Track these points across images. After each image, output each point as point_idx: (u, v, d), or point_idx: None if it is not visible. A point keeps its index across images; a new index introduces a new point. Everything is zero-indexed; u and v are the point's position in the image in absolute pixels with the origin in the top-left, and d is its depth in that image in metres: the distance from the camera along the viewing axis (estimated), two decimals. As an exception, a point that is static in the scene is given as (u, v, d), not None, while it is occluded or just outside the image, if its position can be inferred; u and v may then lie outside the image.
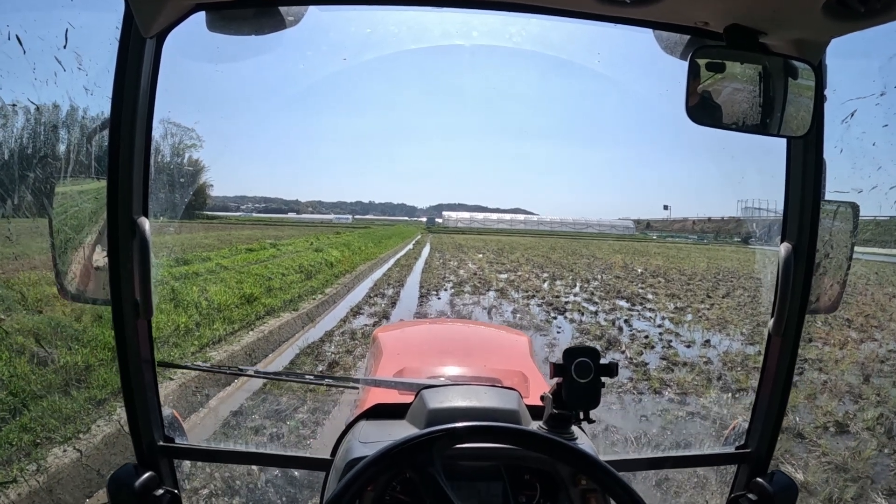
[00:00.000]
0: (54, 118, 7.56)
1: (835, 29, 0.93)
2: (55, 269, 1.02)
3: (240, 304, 7.24)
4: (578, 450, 0.78)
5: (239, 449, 1.13)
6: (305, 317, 7.59)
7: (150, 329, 1.02)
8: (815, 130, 1.04)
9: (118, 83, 0.91)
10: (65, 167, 1.11)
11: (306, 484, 1.94)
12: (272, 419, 3.71)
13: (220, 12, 0.93)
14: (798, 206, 1.05)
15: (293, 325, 7.02)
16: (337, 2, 0.97)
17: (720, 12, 0.92)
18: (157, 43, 0.93)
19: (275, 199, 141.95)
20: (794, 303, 1.05)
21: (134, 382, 1.00)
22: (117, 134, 0.92)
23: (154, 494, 1.00)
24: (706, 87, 0.95)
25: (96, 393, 3.68)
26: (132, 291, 0.96)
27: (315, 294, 9.08)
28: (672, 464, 1.17)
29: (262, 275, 9.56)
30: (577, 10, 0.95)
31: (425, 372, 1.47)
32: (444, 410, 0.97)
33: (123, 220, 0.95)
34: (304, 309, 7.82)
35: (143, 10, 0.87)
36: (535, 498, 0.98)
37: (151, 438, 1.03)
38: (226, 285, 8.07)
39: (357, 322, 7.30)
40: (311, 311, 7.89)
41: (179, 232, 19.04)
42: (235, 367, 1.26)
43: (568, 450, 0.78)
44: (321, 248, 16.46)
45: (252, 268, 10.56)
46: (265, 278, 9.24)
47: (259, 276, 9.33)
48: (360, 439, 0.98)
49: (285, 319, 6.99)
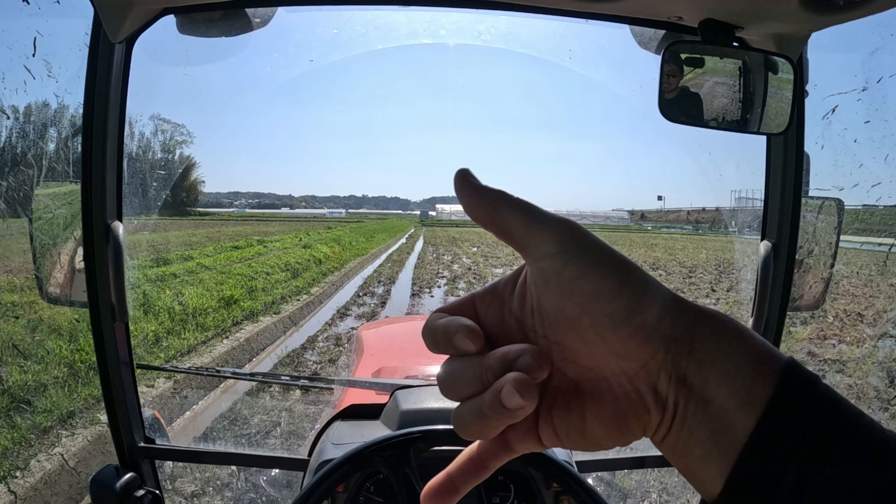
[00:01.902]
0: (28, 123, 7.52)
1: (813, 23, 0.91)
2: (35, 272, 1.04)
3: (217, 307, 6.76)
4: (545, 455, 0.78)
5: (219, 450, 1.15)
6: (288, 320, 7.10)
7: (128, 331, 1.03)
8: (796, 127, 1.02)
9: (89, 89, 0.91)
10: (38, 174, 1.12)
11: (285, 484, 1.97)
12: (256, 420, 3.68)
13: (188, 16, 0.93)
14: (778, 203, 1.03)
15: (273, 331, 6.52)
16: (307, 2, 0.96)
17: (694, 6, 0.90)
18: (126, 48, 0.93)
19: (268, 194, 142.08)
20: (775, 301, 1.04)
21: (113, 384, 1.02)
22: (89, 139, 0.93)
23: (135, 495, 1.02)
24: (680, 84, 0.93)
25: (41, 420, 3.30)
26: (108, 295, 0.97)
27: (300, 294, 8.57)
28: (654, 463, 1.17)
29: (244, 274, 9.14)
30: (549, 6, 0.94)
31: (403, 371, 1.48)
32: (416, 412, 0.97)
33: (98, 224, 0.95)
34: (286, 312, 7.32)
35: (110, 15, 0.87)
36: (510, 499, 0.98)
37: (132, 439, 1.05)
38: (204, 287, 7.63)
39: (343, 325, 6.85)
40: (294, 314, 7.38)
41: (168, 230, 18.49)
42: (213, 369, 1.27)
43: (534, 454, 0.78)
44: (310, 244, 16.06)
45: (235, 267, 10.11)
46: (248, 278, 8.83)
47: (241, 276, 8.91)
48: (333, 440, 0.98)
49: (265, 324, 6.48)
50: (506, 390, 0.23)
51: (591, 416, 0.25)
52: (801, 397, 0.22)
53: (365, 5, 1.00)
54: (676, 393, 0.24)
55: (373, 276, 11.44)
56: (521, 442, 0.27)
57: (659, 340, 0.24)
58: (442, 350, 0.27)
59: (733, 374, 0.23)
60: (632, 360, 0.24)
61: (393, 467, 0.76)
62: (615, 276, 0.24)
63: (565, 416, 0.26)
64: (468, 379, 0.26)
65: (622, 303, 0.24)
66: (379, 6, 1.01)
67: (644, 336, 0.24)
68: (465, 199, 0.27)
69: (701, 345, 0.24)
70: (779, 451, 0.22)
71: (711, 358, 0.23)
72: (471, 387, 0.25)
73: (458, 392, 0.26)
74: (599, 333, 0.24)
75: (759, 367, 0.23)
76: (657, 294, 0.25)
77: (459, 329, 0.26)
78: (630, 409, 0.25)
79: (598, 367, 0.25)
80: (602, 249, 0.25)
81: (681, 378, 0.24)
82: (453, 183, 0.27)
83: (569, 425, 0.26)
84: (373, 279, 11.02)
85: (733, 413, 0.23)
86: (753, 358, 0.23)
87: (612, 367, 0.25)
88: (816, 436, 0.21)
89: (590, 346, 0.25)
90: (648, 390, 0.24)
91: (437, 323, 0.27)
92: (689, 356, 0.24)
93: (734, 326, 0.24)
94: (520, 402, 0.23)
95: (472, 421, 0.25)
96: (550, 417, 0.26)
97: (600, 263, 0.25)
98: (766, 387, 0.22)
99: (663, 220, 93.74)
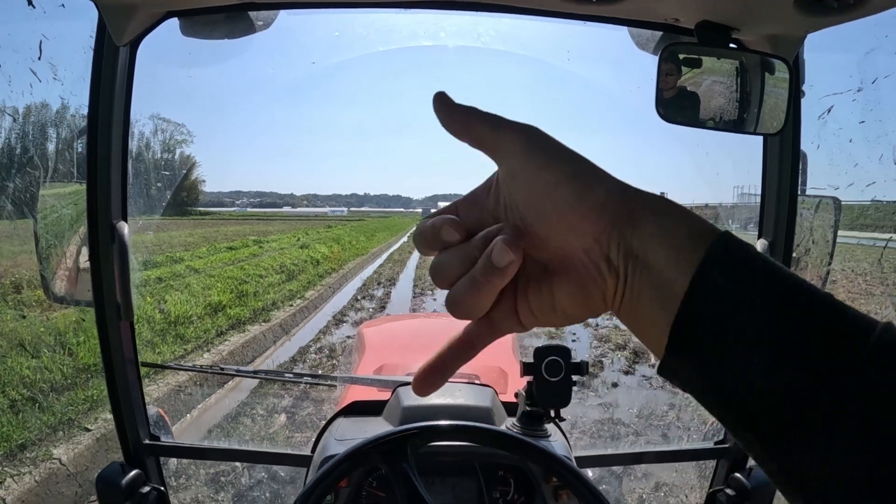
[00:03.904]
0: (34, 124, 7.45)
1: (808, 24, 0.92)
2: (41, 272, 1.05)
3: (202, 315, 6.23)
4: (542, 449, 0.79)
5: (223, 446, 1.16)
6: (279, 328, 6.55)
7: (133, 330, 1.04)
8: (792, 127, 1.03)
9: (94, 91, 0.93)
10: (43, 175, 1.13)
11: (289, 480, 1.99)
12: (260, 416, 3.69)
13: (191, 18, 0.94)
14: (774, 202, 1.04)
15: (261, 342, 5.97)
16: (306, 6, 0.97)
17: (690, 8, 0.91)
18: (130, 50, 0.94)
19: (270, 193, 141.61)
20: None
21: (119, 382, 1.03)
22: (94, 141, 0.94)
23: (140, 492, 1.04)
24: (677, 85, 0.95)
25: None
26: (114, 294, 0.99)
27: (293, 299, 8.03)
28: (651, 459, 1.18)
29: (235, 277, 8.55)
30: (546, 8, 0.95)
31: (405, 368, 1.49)
32: (418, 408, 0.99)
33: (103, 225, 0.97)
34: (277, 319, 6.75)
35: (114, 19, 0.88)
36: (510, 494, 0.99)
37: (137, 437, 1.06)
38: (189, 292, 7.05)
39: (338, 334, 6.34)
40: (286, 322, 6.82)
41: (166, 230, 17.77)
42: (217, 367, 1.28)
43: (532, 448, 0.79)
44: (308, 244, 15.42)
45: (227, 269, 9.50)
46: (239, 281, 8.28)
47: (232, 280, 8.33)
48: (336, 436, 1.00)
49: (252, 334, 5.95)
50: (496, 249, 0.27)
51: (558, 291, 0.29)
52: (729, 260, 0.25)
53: (365, 8, 1.01)
54: (625, 262, 0.28)
55: (372, 278, 11.05)
56: (504, 320, 0.31)
57: (608, 217, 0.28)
58: (431, 245, 0.31)
59: (669, 243, 0.27)
60: (587, 236, 0.28)
61: (391, 463, 0.78)
62: (569, 166, 0.29)
63: (538, 295, 0.30)
64: (457, 261, 0.30)
65: (576, 186, 0.28)
66: (379, 9, 1.02)
67: (595, 214, 0.28)
68: (442, 116, 0.31)
69: (642, 219, 0.28)
70: (709, 304, 0.25)
71: (650, 229, 0.27)
72: (460, 267, 0.29)
73: (449, 275, 0.30)
74: (560, 215, 0.28)
75: (695, 237, 0.27)
76: (604, 180, 0.29)
77: (444, 223, 0.30)
78: (589, 279, 0.29)
79: (560, 247, 0.29)
80: (557, 147, 0.30)
81: (627, 248, 0.28)
82: (432, 104, 0.31)
83: (541, 302, 0.30)
84: (372, 281, 10.65)
85: (670, 275, 0.26)
86: (689, 230, 0.27)
87: (573, 243, 0.29)
88: (741, 288, 0.25)
89: (553, 228, 0.29)
90: (603, 262, 0.28)
91: (426, 223, 0.31)
92: (633, 229, 0.27)
93: (672, 205, 0.28)
94: (510, 255, 0.27)
95: (466, 293, 0.29)
96: (526, 297, 0.30)
97: (557, 158, 0.29)
98: (698, 252, 0.26)
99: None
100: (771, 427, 0.23)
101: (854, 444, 0.22)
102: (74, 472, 2.89)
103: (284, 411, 3.79)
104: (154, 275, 8.19)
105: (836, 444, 0.22)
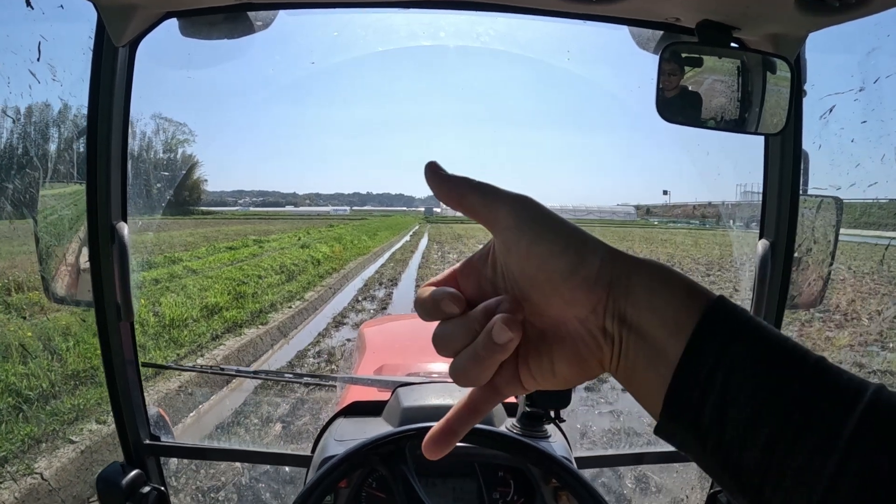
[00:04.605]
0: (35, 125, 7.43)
1: (810, 24, 0.91)
2: (41, 273, 1.05)
3: (197, 318, 6.04)
4: (541, 450, 0.79)
5: (223, 446, 1.16)
6: (277, 332, 6.38)
7: (133, 330, 1.04)
8: (793, 127, 1.03)
9: (93, 92, 0.93)
10: (43, 175, 1.13)
11: (289, 480, 1.98)
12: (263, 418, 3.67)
13: (190, 19, 0.94)
14: (776, 202, 1.04)
15: (258, 346, 5.82)
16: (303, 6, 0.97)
17: (691, 8, 0.90)
18: (129, 51, 0.94)
19: (272, 192, 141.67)
20: (773, 299, 1.05)
21: (119, 383, 1.03)
22: (94, 142, 0.94)
23: (141, 492, 1.04)
24: (678, 85, 0.94)
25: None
26: (114, 294, 0.99)
27: (292, 301, 7.82)
28: (652, 459, 1.18)
29: (234, 278, 8.37)
30: (546, 8, 0.95)
31: (405, 368, 1.49)
32: (417, 409, 0.99)
33: (103, 225, 0.97)
34: (275, 321, 6.57)
35: (113, 19, 0.88)
36: (509, 495, 0.99)
37: (137, 437, 1.06)
38: (186, 294, 6.91)
39: (338, 337, 6.18)
40: (283, 324, 6.64)
41: (167, 230, 17.36)
42: (218, 367, 1.28)
43: (532, 449, 0.79)
44: (309, 243, 15.26)
45: (225, 270, 9.32)
46: (237, 283, 8.08)
47: (230, 281, 8.14)
48: (336, 437, 1.00)
49: (248, 338, 5.78)
50: (496, 327, 0.28)
51: (557, 357, 0.30)
52: (723, 325, 0.26)
53: (364, 8, 1.01)
54: (619, 329, 0.28)
55: (374, 278, 10.79)
56: (507, 386, 0.32)
57: (601, 288, 0.28)
58: (432, 315, 0.31)
59: (662, 309, 0.27)
60: (581, 306, 0.29)
61: (389, 465, 0.77)
62: (560, 238, 0.29)
63: (537, 360, 0.31)
64: (459, 334, 0.30)
65: (569, 259, 0.29)
66: (378, 9, 1.02)
67: (588, 286, 0.28)
68: (435, 188, 0.32)
69: (635, 287, 0.28)
70: (702, 371, 0.25)
71: (644, 297, 0.28)
72: (462, 340, 0.30)
73: (452, 346, 0.30)
74: (553, 287, 0.29)
75: (688, 301, 0.27)
76: (596, 250, 0.29)
77: (444, 296, 0.31)
78: (585, 347, 0.30)
79: (557, 316, 0.30)
80: (549, 218, 0.30)
81: (621, 317, 0.28)
82: (424, 174, 0.32)
83: (541, 367, 0.31)
84: (374, 281, 10.40)
85: (665, 341, 0.27)
86: (682, 294, 0.27)
87: (568, 314, 0.30)
88: (735, 355, 0.25)
89: (548, 299, 0.30)
90: (598, 330, 0.29)
91: (426, 295, 0.32)
92: (626, 297, 0.28)
93: (665, 270, 0.29)
94: (509, 334, 0.28)
95: (468, 365, 0.29)
96: (527, 363, 0.31)
97: (548, 230, 0.30)
98: (692, 318, 0.26)
99: (669, 215, 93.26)
100: (751, 477, 0.24)
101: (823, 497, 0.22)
102: (56, 488, 2.76)
103: (283, 414, 3.78)
104: (150, 276, 8.06)
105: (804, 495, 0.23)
